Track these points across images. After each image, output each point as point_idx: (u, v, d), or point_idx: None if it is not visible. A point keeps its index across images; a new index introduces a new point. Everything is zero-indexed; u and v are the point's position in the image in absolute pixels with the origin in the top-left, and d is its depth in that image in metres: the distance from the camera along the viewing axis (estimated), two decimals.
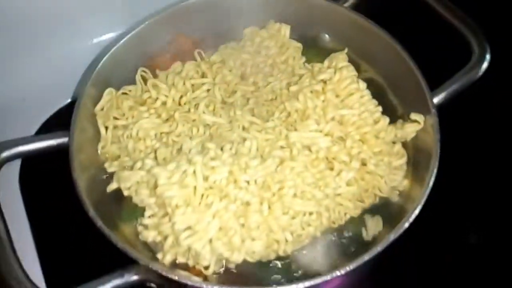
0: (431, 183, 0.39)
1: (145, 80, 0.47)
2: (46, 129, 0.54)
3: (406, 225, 0.37)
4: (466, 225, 0.51)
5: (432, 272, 0.49)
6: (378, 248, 0.36)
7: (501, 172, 0.51)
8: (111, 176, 0.43)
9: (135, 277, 0.36)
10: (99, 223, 0.36)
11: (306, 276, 0.38)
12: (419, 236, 0.49)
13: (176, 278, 0.34)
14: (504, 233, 0.50)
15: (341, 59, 0.44)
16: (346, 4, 0.50)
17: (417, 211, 0.37)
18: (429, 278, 0.48)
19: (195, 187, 0.37)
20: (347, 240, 0.41)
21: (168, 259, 0.38)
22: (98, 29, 0.59)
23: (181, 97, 0.46)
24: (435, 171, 0.39)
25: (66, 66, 0.58)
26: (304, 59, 0.49)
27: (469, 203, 0.52)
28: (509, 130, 0.51)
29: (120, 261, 0.37)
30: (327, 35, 0.52)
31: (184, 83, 0.46)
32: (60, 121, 0.54)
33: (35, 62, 0.58)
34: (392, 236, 0.36)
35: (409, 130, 0.43)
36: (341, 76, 0.43)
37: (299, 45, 0.50)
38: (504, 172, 0.51)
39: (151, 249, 0.40)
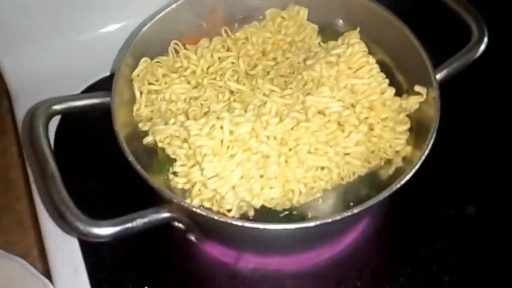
0: (430, 144, 0.43)
1: (176, 52, 0.53)
2: None
3: (408, 177, 0.41)
4: (464, 196, 0.55)
5: (432, 237, 0.52)
6: (380, 197, 0.40)
7: (498, 146, 0.55)
8: (144, 134, 0.48)
9: (167, 214, 0.40)
10: (138, 166, 0.41)
11: None
12: (420, 205, 0.54)
13: (204, 213, 0.39)
14: (501, 206, 0.54)
15: (353, 36, 0.50)
16: None
17: (417, 166, 0.42)
18: (429, 242, 0.52)
19: (222, 140, 0.42)
20: (355, 196, 0.46)
21: (195, 203, 0.43)
22: (131, 13, 0.65)
23: (208, 67, 0.51)
24: (434, 134, 0.44)
25: (102, 45, 0.64)
26: (319, 39, 0.55)
27: (468, 176, 0.56)
28: (504, 105, 0.56)
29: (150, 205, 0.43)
30: (340, 20, 0.57)
31: (211, 55, 0.51)
32: (97, 89, 0.60)
33: (70, 45, 0.64)
34: (395, 186, 0.41)
35: (413, 101, 0.48)
36: (353, 51, 0.48)
37: (316, 26, 0.55)
38: (501, 146, 0.55)
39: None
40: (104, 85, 0.50)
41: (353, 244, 0.52)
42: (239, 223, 0.39)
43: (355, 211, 0.39)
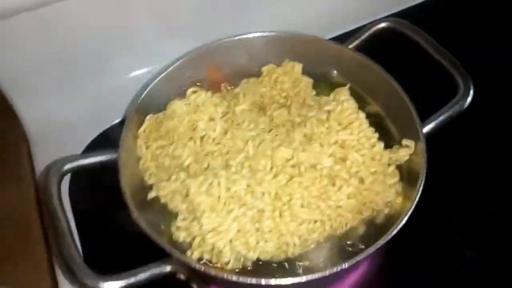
0: (418, 195, 0.45)
1: None
2: (91, 149, 0.63)
3: (395, 231, 0.43)
4: (461, 240, 0.57)
5: (429, 280, 0.53)
6: (370, 250, 0.42)
7: (489, 190, 0.57)
8: (150, 187, 0.52)
9: (168, 268, 0.43)
10: (142, 223, 0.45)
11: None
12: (416, 251, 0.56)
13: (202, 268, 0.42)
14: (498, 248, 0.55)
15: (343, 93, 0.53)
16: (351, 46, 0.59)
17: (405, 219, 0.44)
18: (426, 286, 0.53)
19: (219, 196, 0.45)
20: (348, 246, 0.48)
21: (195, 255, 0.45)
22: (137, 65, 0.70)
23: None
24: (421, 186, 0.46)
25: (109, 96, 0.68)
26: (314, 92, 0.58)
27: (463, 219, 0.57)
28: (489, 152, 0.57)
29: (155, 258, 0.45)
30: (335, 71, 0.60)
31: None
32: (103, 140, 0.64)
33: (85, 92, 0.69)
34: (381, 241, 0.43)
35: (402, 154, 0.50)
36: (343, 108, 0.50)
37: (310, 80, 0.58)
38: (492, 189, 0.57)
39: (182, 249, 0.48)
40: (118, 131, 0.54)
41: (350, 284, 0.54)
42: (234, 278, 0.41)
43: (345, 266, 0.41)
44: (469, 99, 0.51)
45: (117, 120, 0.67)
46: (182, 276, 0.45)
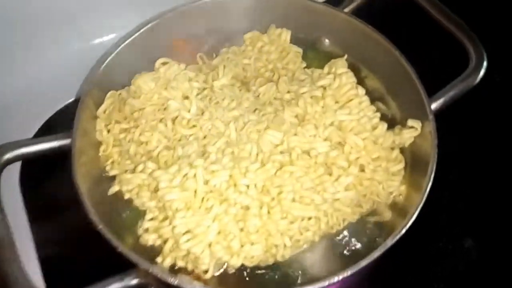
0: (428, 188, 0.39)
1: None
2: (48, 128, 0.55)
3: (404, 230, 0.37)
4: (462, 229, 0.52)
5: (429, 276, 0.49)
6: (375, 254, 0.36)
7: (497, 177, 0.52)
8: (113, 178, 0.44)
9: (134, 281, 0.36)
10: (100, 226, 0.37)
11: (304, 281, 0.38)
12: (416, 239, 0.51)
13: (176, 282, 0.35)
14: (500, 238, 0.51)
15: (340, 65, 0.45)
16: (347, 10, 0.51)
17: (414, 217, 0.38)
18: (426, 282, 0.49)
19: (195, 191, 0.38)
20: (346, 245, 0.42)
21: (167, 262, 0.38)
22: (98, 31, 0.60)
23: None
24: (432, 176, 0.40)
25: (67, 66, 0.59)
26: (304, 64, 0.50)
27: (465, 208, 0.53)
28: (506, 136, 0.52)
29: (120, 265, 0.38)
30: (327, 40, 0.52)
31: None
32: (62, 120, 0.56)
33: (36, 62, 0.59)
34: (390, 241, 0.37)
35: (407, 136, 0.44)
36: (341, 82, 0.43)
37: (300, 50, 0.50)
38: (500, 177, 0.52)
39: (152, 253, 0.41)
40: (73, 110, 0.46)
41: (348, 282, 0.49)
42: None
43: (348, 273, 0.35)
44: (482, 72, 0.45)
45: (73, 99, 0.58)
46: None
